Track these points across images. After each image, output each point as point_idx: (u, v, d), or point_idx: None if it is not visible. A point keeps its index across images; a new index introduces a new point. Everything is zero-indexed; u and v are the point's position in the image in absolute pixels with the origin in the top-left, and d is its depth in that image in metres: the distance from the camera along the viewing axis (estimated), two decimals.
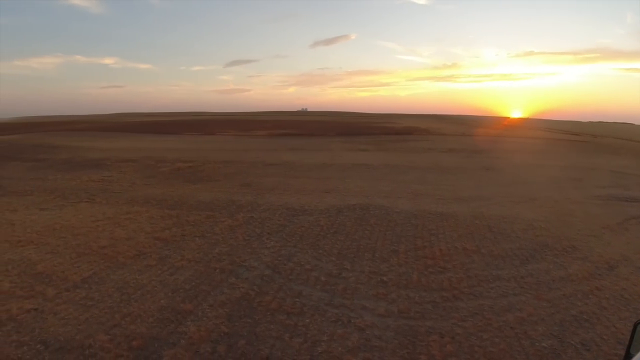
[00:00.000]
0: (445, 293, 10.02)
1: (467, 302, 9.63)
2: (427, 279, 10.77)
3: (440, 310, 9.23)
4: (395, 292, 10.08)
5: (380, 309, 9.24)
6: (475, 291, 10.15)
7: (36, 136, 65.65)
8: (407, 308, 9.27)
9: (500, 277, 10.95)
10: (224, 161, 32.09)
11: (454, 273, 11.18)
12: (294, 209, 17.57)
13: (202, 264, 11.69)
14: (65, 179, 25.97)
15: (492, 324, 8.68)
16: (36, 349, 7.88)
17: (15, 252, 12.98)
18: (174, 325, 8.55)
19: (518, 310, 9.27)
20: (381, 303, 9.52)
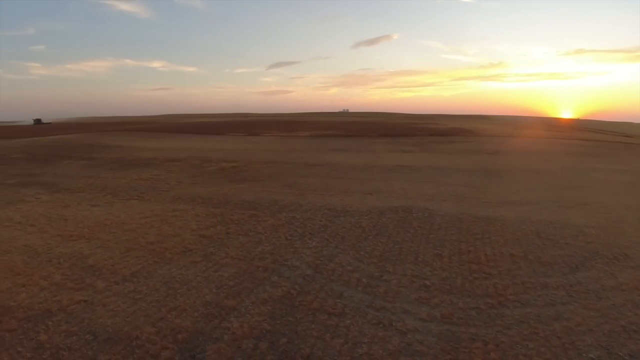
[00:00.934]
0: (490, 299, 9.78)
1: (513, 309, 9.35)
2: (472, 285, 10.54)
3: (485, 317, 9.01)
4: (438, 296, 9.93)
5: (423, 313, 9.14)
6: (522, 299, 9.84)
7: (89, 136, 69.15)
8: (450, 313, 9.12)
9: (547, 285, 10.56)
10: (267, 161, 32.64)
11: (500, 279, 10.87)
12: (336, 209, 17.64)
13: (246, 262, 11.97)
14: (116, 177, 27.26)
15: (538, 333, 8.40)
16: (85, 339, 8.33)
17: (68, 246, 13.80)
18: (217, 321, 8.81)
19: (565, 319, 8.92)
20: (423, 307, 9.41)
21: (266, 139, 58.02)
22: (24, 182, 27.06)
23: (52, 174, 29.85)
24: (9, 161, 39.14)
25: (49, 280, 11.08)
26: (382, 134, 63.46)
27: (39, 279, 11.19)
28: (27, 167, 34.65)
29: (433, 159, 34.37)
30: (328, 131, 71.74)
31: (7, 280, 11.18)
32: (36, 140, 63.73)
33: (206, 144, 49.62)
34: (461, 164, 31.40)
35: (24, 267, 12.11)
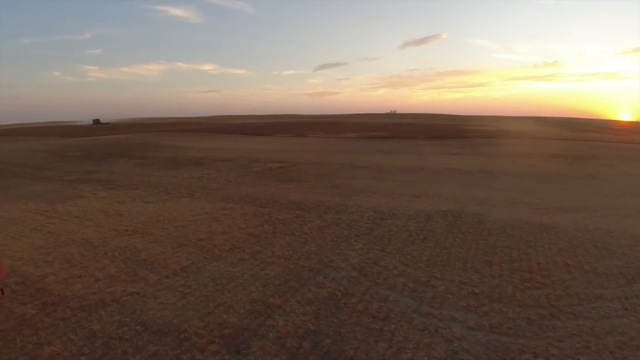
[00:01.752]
0: (542, 310, 9.41)
1: (565, 321, 8.96)
2: (523, 294, 10.18)
3: (535, 328, 8.68)
4: (487, 305, 9.66)
5: (470, 321, 8.93)
6: (575, 310, 9.41)
7: (143, 136, 72.26)
8: (500, 323, 8.86)
9: (602, 297, 10.02)
10: (313, 162, 32.88)
11: (553, 289, 10.44)
12: (382, 212, 17.54)
13: (292, 262, 12.15)
14: (168, 175, 28.37)
15: (590, 346, 8.01)
16: (136, 329, 8.73)
17: (122, 240, 14.54)
18: (263, 318, 9.00)
19: (620, 333, 8.44)
20: (471, 315, 9.19)
21: (313, 140, 58.41)
22: (82, 179, 28.71)
23: (108, 172, 31.48)
24: (67, 159, 41.65)
25: (103, 272, 11.74)
26: (430, 136, 62.20)
27: (94, 271, 11.88)
28: (84, 164, 36.74)
29: (483, 162, 33.38)
30: (375, 133, 71.30)
31: (64, 271, 11.94)
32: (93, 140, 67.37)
33: (254, 145, 50.67)
34: (513, 168, 30.30)
35: (80, 258, 12.90)
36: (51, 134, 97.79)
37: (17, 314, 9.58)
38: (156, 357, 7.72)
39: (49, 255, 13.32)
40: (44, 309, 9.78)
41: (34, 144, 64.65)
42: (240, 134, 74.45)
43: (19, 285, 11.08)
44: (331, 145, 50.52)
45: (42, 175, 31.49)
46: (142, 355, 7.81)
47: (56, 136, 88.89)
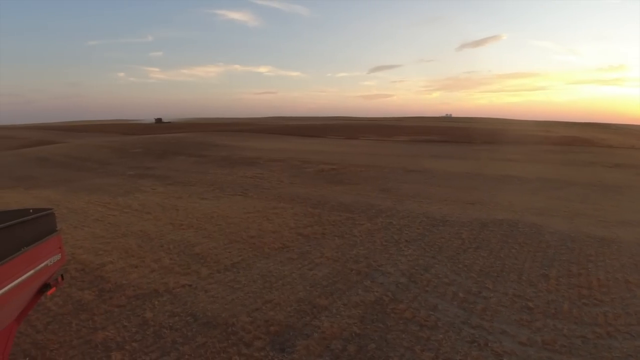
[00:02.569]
0: (599, 329, 8.84)
1: (622, 341, 8.37)
2: (580, 311, 9.61)
3: (590, 347, 8.17)
4: (541, 320, 9.21)
5: (522, 336, 8.54)
6: (633, 331, 8.76)
7: (200, 135, 74.75)
8: (553, 340, 8.42)
9: None
10: (365, 165, 32.69)
11: (611, 307, 9.78)
12: (434, 218, 17.16)
13: (340, 264, 12.15)
14: (223, 173, 29.21)
15: None
16: (186, 320, 9.06)
17: (177, 234, 15.13)
18: (309, 318, 9.06)
19: None
20: (524, 330, 8.80)
21: (365, 143, 58.13)
22: (142, 174, 30.14)
23: (166, 168, 32.85)
24: (129, 155, 43.83)
25: (158, 264, 12.28)
26: (487, 141, 60.07)
27: (150, 262, 12.45)
28: (145, 161, 38.53)
29: (543, 170, 31.82)
30: (429, 136, 69.94)
31: (122, 261, 12.61)
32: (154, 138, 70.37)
33: (306, 146, 51.10)
34: (575, 177, 28.66)
35: (137, 249, 13.56)
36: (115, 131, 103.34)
37: (75, 299, 10.22)
38: (204, 348, 7.97)
39: (109, 245, 14.11)
40: (101, 296, 10.37)
41: (98, 140, 68.56)
42: (293, 135, 75.40)
43: (79, 272, 11.81)
44: (383, 148, 50.05)
45: (105, 170, 33.36)
46: (191, 345, 8.09)
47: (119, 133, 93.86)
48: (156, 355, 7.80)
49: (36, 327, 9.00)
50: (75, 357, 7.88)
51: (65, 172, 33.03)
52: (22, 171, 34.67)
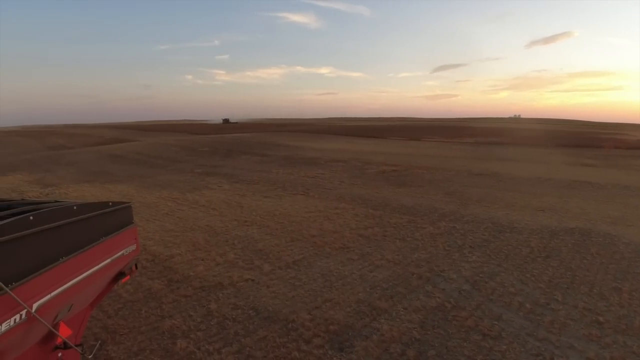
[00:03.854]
0: None
1: None
2: None
3: None
4: (611, 336, 8.61)
5: (590, 352, 8.02)
6: None
7: (263, 135, 76.56)
8: (622, 357, 7.82)
9: None
10: (428, 167, 32.03)
11: None
12: (501, 224, 16.51)
13: (401, 267, 12.02)
14: (285, 173, 29.75)
15: None
16: (248, 313, 9.35)
17: (241, 230, 15.61)
18: (368, 319, 9.04)
19: None
20: (592, 346, 8.26)
21: (428, 145, 56.89)
22: (209, 172, 31.31)
23: (232, 167, 33.93)
24: (197, 153, 45.70)
25: (223, 258, 12.75)
26: (559, 144, 56.75)
27: (215, 256, 12.95)
28: (211, 159, 40.01)
29: (619, 176, 29.64)
30: (496, 138, 67.33)
31: (189, 254, 13.22)
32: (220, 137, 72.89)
33: (368, 147, 50.88)
34: None
35: (204, 243, 14.14)
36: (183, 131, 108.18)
37: (145, 287, 10.86)
38: (265, 342, 8.18)
39: (177, 238, 14.82)
40: (169, 286, 10.94)
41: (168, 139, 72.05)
42: (354, 135, 75.42)
43: (149, 262, 12.53)
44: (447, 150, 48.78)
45: (175, 167, 34.98)
46: (252, 338, 8.33)
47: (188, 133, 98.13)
48: (219, 345, 8.12)
49: (107, 312, 9.65)
50: (143, 343, 8.37)
51: (138, 169, 35.02)
52: (98, 167, 37.14)
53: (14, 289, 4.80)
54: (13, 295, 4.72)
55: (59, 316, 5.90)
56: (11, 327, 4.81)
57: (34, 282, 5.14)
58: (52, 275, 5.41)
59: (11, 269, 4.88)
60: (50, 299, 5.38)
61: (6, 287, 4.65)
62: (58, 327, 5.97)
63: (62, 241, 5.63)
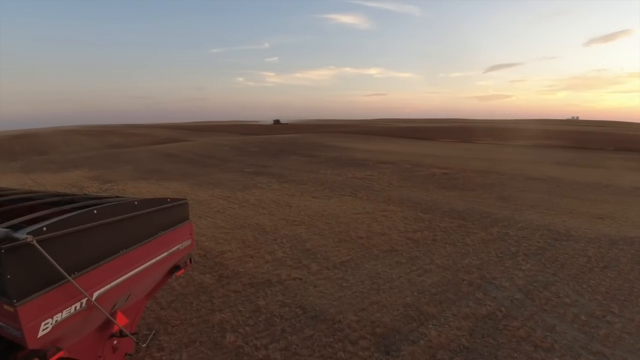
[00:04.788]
0: None
1: None
2: None
3: None
4: None
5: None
6: None
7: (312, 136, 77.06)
8: None
9: None
10: (480, 170, 31.07)
11: None
12: (557, 232, 15.78)
13: (450, 272, 11.76)
14: (333, 174, 29.79)
15: None
16: (295, 312, 9.46)
17: (290, 229, 15.79)
18: (415, 324, 8.91)
19: None
20: None
21: (480, 147, 55.20)
22: (258, 172, 31.86)
23: (281, 167, 34.37)
24: (248, 153, 46.63)
25: (272, 256, 12.96)
26: (620, 148, 53.44)
27: (264, 253, 13.19)
28: (261, 159, 40.70)
29: None
30: (552, 141, 64.36)
31: (239, 250, 13.54)
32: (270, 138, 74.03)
33: (417, 149, 50.08)
34: None
35: (254, 241, 14.43)
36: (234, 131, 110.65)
37: (197, 281, 11.24)
38: (311, 341, 8.25)
39: (228, 235, 15.20)
40: (220, 281, 11.25)
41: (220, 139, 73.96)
42: (403, 137, 74.48)
43: (201, 258, 12.94)
44: (501, 153, 47.15)
45: (226, 167, 35.84)
46: (299, 336, 8.43)
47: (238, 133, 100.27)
48: (266, 341, 8.26)
49: (161, 304, 10.06)
50: (194, 335, 8.65)
51: (191, 167, 36.14)
52: (154, 165, 38.65)
53: (77, 278, 5.08)
54: (75, 284, 5.00)
55: (117, 305, 6.20)
56: (72, 314, 5.09)
57: (95, 272, 5.43)
58: (113, 266, 5.70)
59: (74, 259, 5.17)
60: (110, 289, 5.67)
61: (69, 276, 4.93)
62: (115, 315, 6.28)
63: (122, 234, 5.92)
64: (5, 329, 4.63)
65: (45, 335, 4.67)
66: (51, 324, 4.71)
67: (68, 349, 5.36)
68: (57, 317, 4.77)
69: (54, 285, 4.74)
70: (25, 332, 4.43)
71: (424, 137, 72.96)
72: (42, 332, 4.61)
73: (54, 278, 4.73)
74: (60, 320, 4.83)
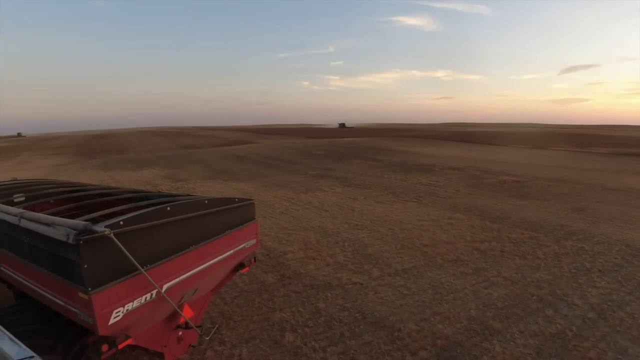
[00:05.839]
0: None
1: None
2: None
3: None
4: None
5: None
6: None
7: (376, 140, 76.54)
8: None
9: None
10: (554, 179, 29.31)
11: None
12: (636, 247, 14.55)
13: (519, 287, 11.22)
14: (397, 179, 29.42)
15: None
16: (354, 316, 9.44)
17: (352, 233, 15.77)
18: (479, 339, 8.59)
19: None
20: None
21: (554, 154, 52.11)
22: (322, 175, 32.11)
23: (344, 170, 34.44)
24: (312, 156, 47.13)
25: (333, 259, 13.01)
26: None
27: (325, 256, 13.27)
28: (325, 162, 40.98)
29: None
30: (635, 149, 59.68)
31: (301, 252, 13.73)
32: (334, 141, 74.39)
33: (486, 154, 48.24)
34: None
35: (315, 243, 14.56)
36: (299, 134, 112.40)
37: (260, 280, 11.55)
38: (369, 347, 8.18)
39: (290, 236, 15.45)
40: (281, 280, 11.47)
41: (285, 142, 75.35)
42: (472, 142, 72.06)
43: (264, 257, 13.26)
44: (577, 160, 44.31)
45: (291, 169, 36.46)
46: (357, 341, 8.39)
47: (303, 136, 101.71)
48: (325, 344, 8.30)
49: (225, 299, 10.41)
50: (254, 332, 8.88)
51: (257, 169, 37.13)
52: (222, 166, 40.10)
53: (149, 270, 5.38)
54: (147, 276, 5.29)
55: (184, 298, 6.49)
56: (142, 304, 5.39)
57: (166, 266, 5.71)
58: (182, 261, 5.97)
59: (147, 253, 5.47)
60: (178, 282, 5.94)
61: (142, 268, 5.22)
62: (182, 307, 6.57)
63: (193, 231, 6.20)
64: (79, 315, 4.98)
65: (116, 322, 4.98)
66: (122, 312, 5.02)
67: (136, 337, 5.68)
68: (128, 306, 5.07)
69: (127, 276, 5.05)
70: (97, 319, 4.74)
71: (493, 143, 70.21)
72: (113, 320, 4.92)
73: (127, 269, 5.04)
74: (130, 309, 5.13)
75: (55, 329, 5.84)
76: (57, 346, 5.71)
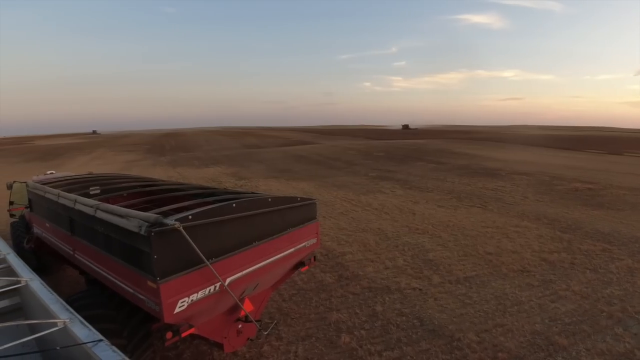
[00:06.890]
0: None
1: None
2: None
3: None
4: None
5: None
6: None
7: (439, 142, 74.96)
8: None
9: None
10: (631, 188, 27.25)
11: None
12: None
13: (589, 302, 10.59)
14: (461, 183, 28.66)
15: None
16: (412, 322, 9.32)
17: (412, 237, 15.57)
18: (543, 354, 8.19)
19: None
20: None
21: (632, 160, 48.40)
22: (382, 177, 31.92)
23: (405, 173, 34.03)
24: (372, 158, 46.99)
25: (392, 262, 12.92)
26: None
27: (384, 259, 13.21)
28: (386, 164, 40.71)
29: None
30: None
31: (360, 254, 13.75)
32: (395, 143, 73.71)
33: (557, 160, 45.78)
34: None
35: (375, 246, 14.52)
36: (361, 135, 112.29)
37: (318, 279, 11.70)
38: (426, 355, 8.05)
39: (350, 237, 15.51)
40: (339, 281, 11.56)
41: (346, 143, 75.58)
42: (542, 146, 68.63)
43: (323, 257, 13.40)
44: None
45: (351, 170, 36.53)
46: (414, 348, 8.28)
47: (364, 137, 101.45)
48: (380, 348, 8.27)
49: (283, 296, 10.66)
50: (311, 330, 9.01)
51: (318, 169, 37.54)
52: (284, 165, 40.98)
53: (214, 264, 5.62)
54: (212, 269, 5.53)
55: (245, 292, 6.71)
56: (206, 295, 5.64)
57: (230, 260, 5.94)
58: (246, 256, 6.19)
59: (213, 246, 5.72)
60: (241, 277, 6.16)
61: (207, 261, 5.47)
62: (243, 301, 6.80)
63: (256, 228, 6.41)
64: (146, 303, 5.30)
65: (181, 312, 5.24)
66: (187, 302, 5.28)
67: (198, 327, 5.95)
68: (192, 297, 5.34)
69: (193, 268, 5.31)
70: (163, 307, 5.02)
71: (566, 147, 66.51)
72: (178, 309, 5.19)
73: (194, 261, 5.30)
74: (195, 300, 5.39)
75: (123, 314, 6.24)
76: (123, 331, 6.09)
